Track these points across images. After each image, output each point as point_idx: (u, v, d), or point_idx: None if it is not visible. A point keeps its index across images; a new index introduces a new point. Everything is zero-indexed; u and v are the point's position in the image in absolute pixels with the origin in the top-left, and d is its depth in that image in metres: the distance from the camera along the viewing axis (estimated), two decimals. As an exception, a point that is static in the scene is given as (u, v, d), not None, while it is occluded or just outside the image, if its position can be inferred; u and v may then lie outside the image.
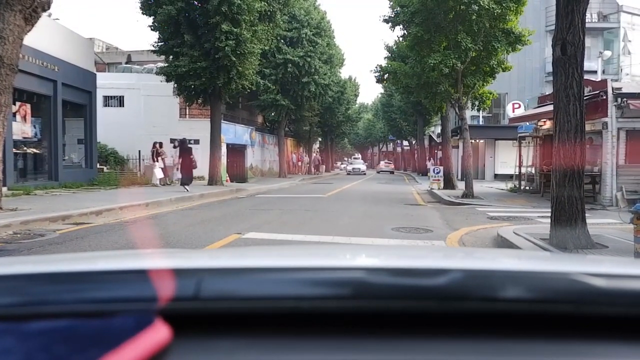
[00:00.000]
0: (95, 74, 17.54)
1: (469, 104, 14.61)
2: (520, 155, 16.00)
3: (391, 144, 70.21)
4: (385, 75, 17.11)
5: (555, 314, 0.72)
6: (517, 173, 16.11)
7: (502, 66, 13.58)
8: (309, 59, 27.38)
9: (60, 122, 15.30)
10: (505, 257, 1.47)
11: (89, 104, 16.93)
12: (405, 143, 56.67)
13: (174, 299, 0.68)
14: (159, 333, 0.61)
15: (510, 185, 17.25)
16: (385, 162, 52.03)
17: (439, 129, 51.67)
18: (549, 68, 29.52)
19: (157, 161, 16.97)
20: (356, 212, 11.16)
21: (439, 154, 40.62)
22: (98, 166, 18.96)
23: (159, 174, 16.79)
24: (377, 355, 0.66)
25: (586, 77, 8.16)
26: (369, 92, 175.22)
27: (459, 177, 20.38)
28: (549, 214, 6.52)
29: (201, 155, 20.76)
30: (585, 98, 6.68)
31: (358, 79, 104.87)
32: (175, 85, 17.75)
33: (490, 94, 15.58)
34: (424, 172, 40.21)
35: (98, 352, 0.55)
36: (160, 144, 18.16)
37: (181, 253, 1.61)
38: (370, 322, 0.72)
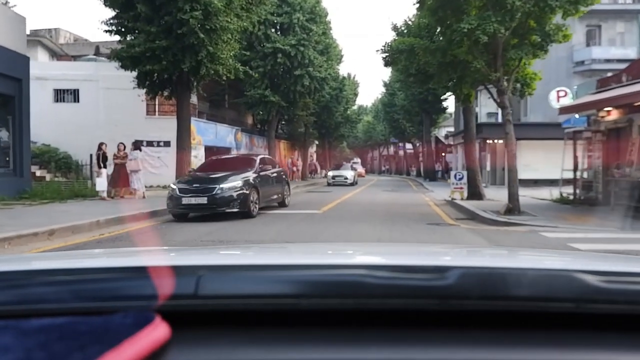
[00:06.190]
0: (28, 58, 13.86)
1: (510, 87, 10.94)
2: (575, 157, 12.35)
3: (392, 146, 66.85)
4: (396, 56, 13.50)
5: (556, 311, 0.70)
6: (573, 178, 12.44)
7: (562, 33, 9.89)
8: (302, 48, 23.77)
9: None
10: (506, 255, 1.41)
11: (18, 94, 13.24)
12: (409, 146, 53.36)
13: (173, 297, 0.67)
14: (158, 330, 0.61)
15: (555, 193, 13.61)
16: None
17: (444, 131, 48.49)
18: (577, 57, 25.53)
19: (105, 167, 13.14)
20: (365, 241, 7.49)
21: (448, 156, 37.14)
22: (38, 174, 15.30)
23: (101, 184, 12.91)
24: (378, 353, 0.65)
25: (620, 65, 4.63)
26: (369, 95, 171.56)
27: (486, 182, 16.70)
28: None
29: (172, 159, 17.08)
30: None
31: (357, 80, 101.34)
32: (132, 72, 14.06)
33: (535, 74, 11.97)
34: (431, 177, 36.62)
35: (97, 349, 0.54)
36: (124, 145, 14.22)
37: (180, 251, 1.55)
38: (370, 320, 0.71)
